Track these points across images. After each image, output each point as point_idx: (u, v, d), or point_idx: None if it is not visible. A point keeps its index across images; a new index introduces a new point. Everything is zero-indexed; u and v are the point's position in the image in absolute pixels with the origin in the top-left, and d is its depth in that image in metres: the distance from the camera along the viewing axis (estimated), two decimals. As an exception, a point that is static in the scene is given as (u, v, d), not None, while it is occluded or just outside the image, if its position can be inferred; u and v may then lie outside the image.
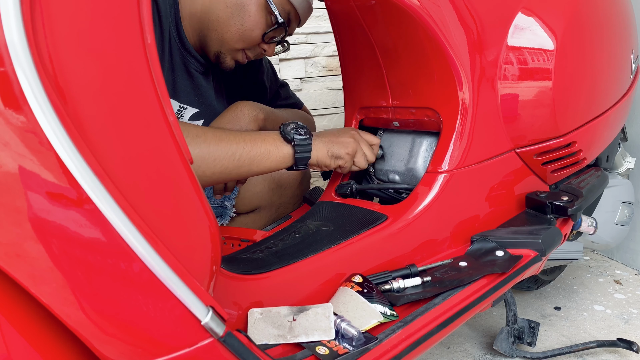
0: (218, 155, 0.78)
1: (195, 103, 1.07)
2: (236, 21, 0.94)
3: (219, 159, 0.78)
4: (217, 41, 0.98)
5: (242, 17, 0.94)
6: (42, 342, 0.50)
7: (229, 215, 1.17)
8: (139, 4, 0.48)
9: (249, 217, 1.19)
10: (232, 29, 0.95)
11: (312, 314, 0.68)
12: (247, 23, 0.95)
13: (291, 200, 1.21)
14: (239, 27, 0.95)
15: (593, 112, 1.05)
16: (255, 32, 0.96)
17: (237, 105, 1.03)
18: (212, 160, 0.78)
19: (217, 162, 0.78)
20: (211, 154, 0.77)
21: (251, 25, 0.95)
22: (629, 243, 1.54)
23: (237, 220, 1.19)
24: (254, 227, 1.19)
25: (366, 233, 0.82)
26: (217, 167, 0.78)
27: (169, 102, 0.51)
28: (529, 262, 0.85)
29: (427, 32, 0.84)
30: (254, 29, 0.95)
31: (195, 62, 1.04)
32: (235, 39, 0.97)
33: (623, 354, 1.11)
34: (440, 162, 0.88)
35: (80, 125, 0.44)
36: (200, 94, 1.07)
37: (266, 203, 1.17)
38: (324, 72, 2.10)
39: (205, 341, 0.51)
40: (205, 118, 1.09)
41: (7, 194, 0.42)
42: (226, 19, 0.94)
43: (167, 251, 0.47)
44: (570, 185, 1.04)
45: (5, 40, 0.39)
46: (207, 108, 1.09)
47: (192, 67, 1.04)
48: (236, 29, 0.95)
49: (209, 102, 1.10)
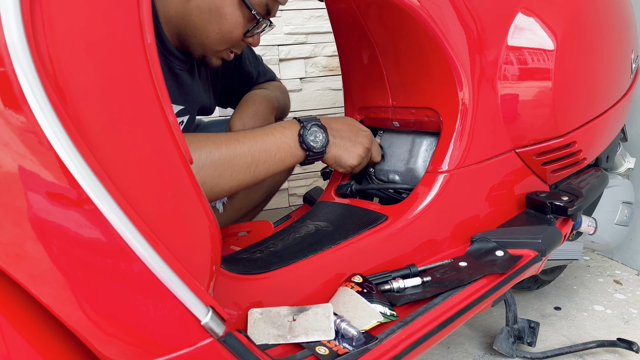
0: (234, 171, 0.77)
1: (180, 101, 1.05)
2: (214, 26, 0.90)
3: (235, 173, 0.77)
4: (198, 46, 0.95)
5: (218, 22, 0.90)
6: (42, 342, 0.50)
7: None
8: (139, 4, 0.48)
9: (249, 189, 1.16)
10: (210, 34, 0.91)
11: (312, 314, 0.68)
12: (225, 26, 0.90)
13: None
14: (218, 31, 0.91)
15: (593, 112, 1.05)
16: (236, 33, 0.92)
17: (254, 99, 1.04)
18: (229, 176, 0.77)
19: (234, 177, 0.77)
20: (227, 170, 0.76)
21: (230, 27, 0.91)
22: (629, 243, 1.54)
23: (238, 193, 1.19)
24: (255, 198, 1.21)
25: (366, 233, 0.82)
26: (235, 181, 0.77)
27: (169, 102, 0.51)
28: (529, 262, 0.85)
29: (427, 32, 0.84)
30: (233, 30, 0.91)
31: (179, 62, 1.01)
32: (216, 43, 0.93)
33: (623, 354, 1.11)
34: (440, 162, 0.88)
35: (80, 125, 0.44)
36: (184, 91, 1.06)
37: None
38: (324, 72, 2.11)
39: (205, 341, 0.51)
40: (190, 114, 1.09)
41: (7, 194, 0.42)
42: (203, 25, 0.90)
43: (167, 251, 0.47)
44: (570, 185, 1.04)
45: (5, 40, 0.39)
46: (192, 104, 1.08)
47: (176, 68, 1.01)
48: (215, 34, 0.91)
49: (194, 98, 1.09)
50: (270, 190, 1.24)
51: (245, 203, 1.23)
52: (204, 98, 1.12)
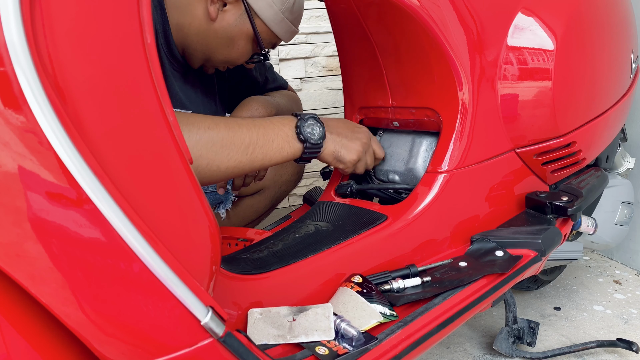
0: (231, 150, 0.77)
1: (187, 105, 1.08)
2: (224, 50, 0.99)
3: (232, 152, 0.77)
4: (201, 60, 1.03)
5: (229, 48, 0.98)
6: (42, 342, 0.50)
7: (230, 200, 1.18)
8: (139, 4, 0.48)
9: (254, 199, 1.20)
10: (219, 56, 1.00)
11: (312, 314, 0.68)
12: (234, 54, 1.00)
13: (292, 177, 1.23)
14: (226, 55, 1.00)
15: (593, 112, 1.05)
16: (240, 60, 1.02)
17: (250, 103, 1.05)
18: (226, 155, 0.76)
19: (230, 157, 0.77)
20: (223, 148, 0.76)
21: (237, 55, 1.00)
22: (629, 243, 1.54)
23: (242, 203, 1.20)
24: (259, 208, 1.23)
25: (366, 233, 0.82)
26: (231, 161, 0.77)
27: (169, 102, 0.51)
28: (528, 262, 0.85)
29: (427, 32, 0.84)
30: (239, 58, 1.01)
31: (184, 65, 1.05)
32: (220, 62, 1.02)
33: (623, 354, 1.11)
34: (440, 162, 0.88)
35: (80, 125, 0.44)
36: (188, 95, 1.08)
37: (270, 183, 1.19)
38: (324, 72, 2.11)
39: (205, 341, 0.51)
40: None
41: (7, 194, 0.42)
42: (215, 47, 0.98)
43: (166, 251, 0.47)
44: (570, 185, 1.04)
45: (5, 40, 0.39)
46: (197, 108, 1.10)
47: (180, 71, 1.05)
48: (223, 56, 1.00)
49: (198, 101, 1.11)
50: (275, 201, 1.24)
51: (249, 213, 1.24)
52: (207, 102, 1.13)
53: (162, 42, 1.00)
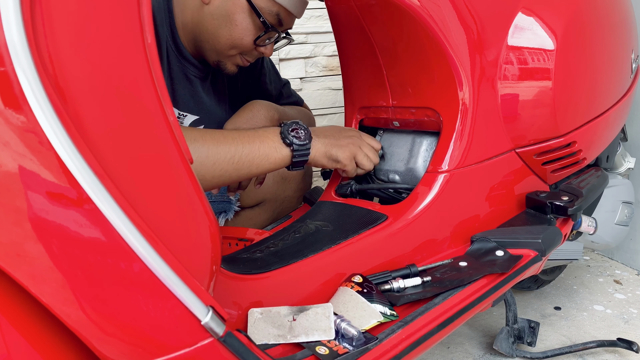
0: (217, 159, 0.78)
1: (195, 110, 1.07)
2: (224, 32, 0.95)
3: (217, 162, 0.78)
4: (212, 52, 1.00)
5: (229, 27, 0.95)
6: (42, 342, 0.50)
7: (233, 210, 1.18)
8: (139, 4, 0.48)
9: (254, 211, 1.19)
10: (222, 39, 0.96)
11: (312, 314, 0.68)
12: (235, 32, 0.95)
13: (295, 193, 1.21)
14: (228, 37, 0.96)
15: (593, 112, 1.05)
16: (246, 39, 0.97)
17: (253, 105, 1.04)
18: (211, 165, 0.77)
19: (216, 166, 0.78)
20: (210, 158, 0.77)
21: (240, 33, 0.96)
22: (629, 243, 1.54)
23: (242, 215, 1.20)
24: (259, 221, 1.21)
25: (366, 233, 0.82)
26: (217, 170, 0.78)
27: (169, 102, 0.51)
28: (529, 262, 0.85)
29: (427, 32, 0.84)
30: (243, 36, 0.96)
31: (194, 68, 1.04)
32: (227, 48, 0.98)
33: (623, 354, 1.11)
34: (440, 162, 0.88)
35: (80, 125, 0.44)
36: (199, 100, 1.08)
37: (271, 196, 1.17)
38: (324, 72, 2.10)
39: (205, 341, 0.51)
40: (205, 124, 1.10)
41: (7, 194, 0.42)
42: (214, 30, 0.96)
43: (167, 251, 0.47)
44: (570, 185, 1.04)
45: (5, 40, 0.39)
46: (207, 114, 1.09)
47: (190, 74, 1.05)
48: (226, 39, 0.96)
49: (209, 107, 1.10)
50: (275, 215, 1.22)
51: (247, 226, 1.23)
52: (218, 110, 1.12)
53: (170, 45, 0.99)
